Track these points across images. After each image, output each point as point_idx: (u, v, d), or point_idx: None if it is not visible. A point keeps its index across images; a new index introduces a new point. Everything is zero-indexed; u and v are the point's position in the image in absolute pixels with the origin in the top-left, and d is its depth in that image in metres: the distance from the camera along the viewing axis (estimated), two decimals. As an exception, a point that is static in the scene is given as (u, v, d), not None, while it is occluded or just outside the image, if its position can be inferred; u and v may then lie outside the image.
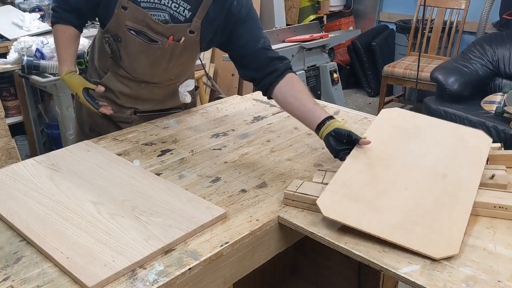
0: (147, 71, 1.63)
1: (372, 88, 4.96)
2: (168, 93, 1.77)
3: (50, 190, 1.26)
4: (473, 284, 0.91)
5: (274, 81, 1.45)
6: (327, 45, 3.60)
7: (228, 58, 1.60)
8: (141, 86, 1.69)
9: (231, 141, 1.60)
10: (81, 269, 0.96)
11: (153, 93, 1.73)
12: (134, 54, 1.58)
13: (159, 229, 1.08)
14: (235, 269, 1.10)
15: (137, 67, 1.62)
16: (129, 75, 1.65)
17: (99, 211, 1.16)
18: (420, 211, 1.09)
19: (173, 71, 1.68)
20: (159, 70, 1.64)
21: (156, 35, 1.52)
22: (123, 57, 1.60)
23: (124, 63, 1.62)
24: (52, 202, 1.20)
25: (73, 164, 1.40)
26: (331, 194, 1.14)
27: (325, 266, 1.84)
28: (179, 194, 1.23)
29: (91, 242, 1.04)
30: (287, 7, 4.73)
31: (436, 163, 1.25)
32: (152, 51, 1.56)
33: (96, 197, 1.22)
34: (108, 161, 1.42)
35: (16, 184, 1.29)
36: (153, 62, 1.60)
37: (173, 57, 1.60)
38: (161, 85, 1.72)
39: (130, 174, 1.34)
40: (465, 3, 4.21)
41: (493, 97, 3.38)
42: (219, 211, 1.15)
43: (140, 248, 1.02)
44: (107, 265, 0.96)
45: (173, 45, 1.55)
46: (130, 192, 1.24)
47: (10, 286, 0.94)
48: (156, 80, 1.68)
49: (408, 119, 1.45)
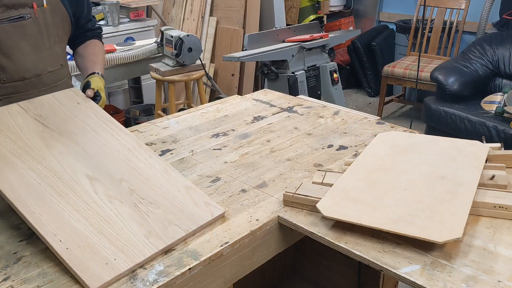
0: (34, 58, 1.53)
1: (372, 88, 4.96)
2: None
3: (41, 152, 1.17)
4: (473, 284, 0.91)
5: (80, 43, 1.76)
6: (327, 45, 3.60)
7: (228, 58, 1.60)
8: (41, 91, 1.54)
9: (231, 141, 1.60)
10: (83, 266, 0.93)
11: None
12: (12, 46, 1.47)
13: (159, 224, 1.06)
14: (235, 269, 1.10)
15: (22, 60, 1.49)
16: (19, 81, 1.50)
17: (96, 190, 1.11)
18: (420, 206, 1.09)
19: (58, 51, 1.62)
20: (45, 54, 1.56)
21: (18, 9, 1.46)
22: (1, 61, 1.46)
23: (6, 68, 1.47)
24: (45, 169, 1.13)
25: (63, 119, 1.31)
26: (330, 198, 1.15)
27: (325, 266, 1.84)
28: (177, 181, 1.20)
29: (90, 231, 1.00)
30: (287, 7, 4.73)
31: (434, 168, 1.25)
32: (28, 31, 1.49)
33: (91, 170, 1.16)
34: (101, 122, 1.34)
35: (3, 138, 1.19)
36: (35, 45, 1.53)
37: (49, 29, 1.55)
38: (58, 81, 1.64)
39: (126, 144, 1.28)
40: (465, 3, 4.21)
41: (493, 97, 3.38)
42: (218, 210, 1.14)
43: (141, 247, 1.00)
44: (109, 264, 0.94)
45: (41, 12, 1.51)
46: (127, 171, 1.19)
47: (10, 286, 0.94)
48: (49, 68, 1.59)
49: (404, 139, 1.45)
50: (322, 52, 3.59)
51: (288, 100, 1.99)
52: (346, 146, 1.55)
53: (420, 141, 1.43)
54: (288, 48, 3.36)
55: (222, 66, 4.27)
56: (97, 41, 1.82)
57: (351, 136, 1.62)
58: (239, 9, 4.17)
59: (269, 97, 2.03)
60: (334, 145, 1.56)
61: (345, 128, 1.69)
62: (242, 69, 4.22)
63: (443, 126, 3.40)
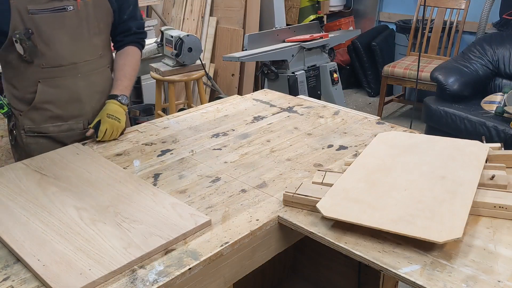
0: (72, 48, 1.58)
1: (372, 88, 4.95)
2: (106, 80, 1.72)
3: (35, 195, 1.25)
4: (473, 284, 0.91)
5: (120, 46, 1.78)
6: (327, 45, 3.60)
7: (228, 58, 1.60)
8: (76, 77, 1.62)
9: (231, 141, 1.60)
10: (56, 278, 0.94)
11: (92, 83, 1.67)
12: (52, 35, 1.53)
13: (140, 237, 1.07)
14: (235, 269, 1.10)
15: (60, 49, 1.56)
16: (56, 67, 1.57)
17: (81, 216, 1.15)
18: (420, 206, 1.09)
19: (97, 42, 1.65)
20: (83, 44, 1.60)
21: (62, 1, 1.52)
22: (40, 47, 1.53)
23: (45, 54, 1.55)
24: (35, 206, 1.19)
25: (61, 167, 1.40)
26: (330, 198, 1.15)
27: (325, 266, 1.84)
28: (164, 200, 1.22)
29: (70, 249, 1.03)
30: (287, 7, 4.73)
31: (434, 168, 1.25)
32: (68, 21, 1.54)
33: (80, 202, 1.21)
34: (96, 164, 1.41)
35: (1, 187, 1.29)
36: (74, 36, 1.57)
37: (90, 21, 1.59)
38: (95, 70, 1.67)
39: (117, 178, 1.33)
40: (465, 3, 4.21)
41: (493, 97, 3.38)
42: (203, 219, 1.13)
43: (118, 257, 1.00)
44: (83, 274, 0.96)
45: (84, 6, 1.55)
46: (114, 198, 1.23)
47: (10, 286, 0.94)
48: (87, 58, 1.63)
49: (404, 139, 1.45)
50: (322, 52, 3.59)
51: (288, 100, 1.99)
52: (346, 146, 1.55)
53: (420, 141, 1.43)
54: (288, 48, 3.36)
55: (222, 66, 4.27)
56: (135, 49, 1.78)
57: (351, 136, 1.62)
58: (239, 9, 4.17)
59: (269, 97, 2.03)
60: (334, 145, 1.56)
61: (345, 128, 1.69)
62: (242, 69, 4.22)
63: (443, 126, 3.40)
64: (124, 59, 1.75)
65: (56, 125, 1.64)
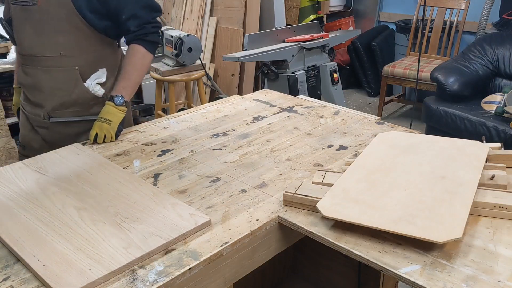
0: (35, 39, 1.68)
1: (372, 88, 4.96)
2: (70, 80, 1.71)
3: (35, 195, 1.25)
4: (473, 284, 0.91)
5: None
6: (327, 45, 3.60)
7: (228, 58, 1.60)
8: (36, 68, 1.71)
9: (231, 141, 1.60)
10: (56, 278, 0.95)
11: (54, 79, 1.70)
12: (20, 25, 1.69)
13: (140, 236, 1.07)
14: (235, 269, 1.10)
15: (24, 40, 1.70)
16: (23, 55, 1.73)
17: (81, 216, 1.15)
18: (420, 206, 1.09)
19: (60, 41, 1.66)
20: (45, 39, 1.67)
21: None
22: (16, 36, 1.73)
23: (17, 42, 1.74)
24: (35, 206, 1.20)
25: (61, 167, 1.40)
26: (330, 198, 1.15)
27: (325, 266, 1.84)
28: (164, 200, 1.22)
29: (70, 249, 1.03)
30: (287, 7, 4.73)
31: (434, 168, 1.25)
32: (32, 16, 1.65)
33: (80, 202, 1.22)
34: (96, 164, 1.41)
35: (1, 187, 1.29)
36: (37, 30, 1.66)
37: (52, 19, 1.63)
38: (57, 67, 1.69)
39: (117, 178, 1.33)
40: (465, 3, 4.21)
41: (493, 97, 3.38)
42: (203, 219, 1.13)
43: (118, 257, 1.00)
44: (83, 274, 0.96)
45: (46, 3, 1.62)
46: (114, 198, 1.23)
47: (10, 286, 0.94)
48: (46, 53, 1.68)
49: (404, 139, 1.45)
50: (322, 52, 3.59)
51: (288, 100, 1.99)
52: (346, 146, 1.55)
53: (420, 141, 1.43)
54: (288, 48, 3.36)
55: (222, 66, 4.27)
56: (137, 46, 1.75)
57: (351, 136, 1.62)
58: (239, 9, 4.17)
59: (269, 97, 2.03)
60: (334, 145, 1.56)
61: (345, 128, 1.69)
62: (242, 69, 4.22)
63: (443, 126, 3.40)
64: (125, 60, 1.77)
65: (28, 106, 1.80)
